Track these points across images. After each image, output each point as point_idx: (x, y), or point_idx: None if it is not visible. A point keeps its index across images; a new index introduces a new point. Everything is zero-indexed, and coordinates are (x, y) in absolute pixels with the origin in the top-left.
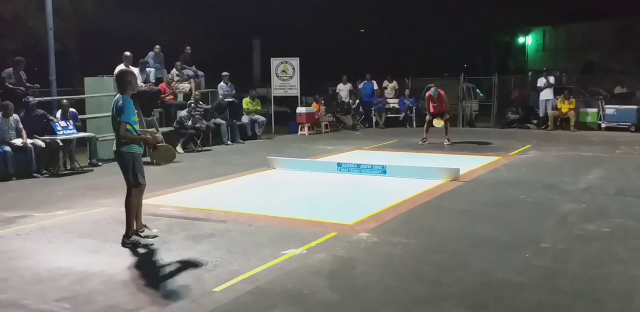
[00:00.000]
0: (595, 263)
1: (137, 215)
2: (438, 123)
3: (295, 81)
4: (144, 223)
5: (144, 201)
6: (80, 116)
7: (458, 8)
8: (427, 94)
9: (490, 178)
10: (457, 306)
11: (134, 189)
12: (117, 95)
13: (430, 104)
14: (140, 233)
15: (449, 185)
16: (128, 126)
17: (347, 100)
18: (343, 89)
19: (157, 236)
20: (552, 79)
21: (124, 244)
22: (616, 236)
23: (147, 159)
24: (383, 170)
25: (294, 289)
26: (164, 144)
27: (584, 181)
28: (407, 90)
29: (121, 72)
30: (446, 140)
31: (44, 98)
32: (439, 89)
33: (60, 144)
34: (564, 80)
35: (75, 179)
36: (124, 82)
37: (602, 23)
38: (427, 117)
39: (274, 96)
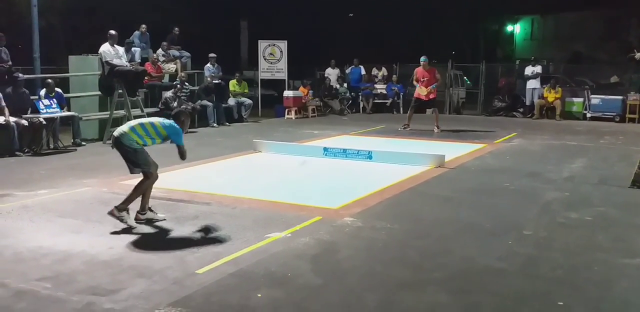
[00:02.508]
0: (577, 251)
1: (143, 197)
2: (422, 91)
3: (283, 64)
4: (149, 206)
5: (129, 182)
6: (64, 95)
7: None
8: (416, 69)
9: (475, 165)
10: (439, 291)
11: (147, 174)
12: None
13: (421, 78)
14: (141, 214)
15: (434, 171)
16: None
17: (335, 85)
18: (331, 74)
19: (164, 220)
20: (539, 68)
21: (110, 212)
22: (598, 225)
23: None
24: (369, 155)
25: (278, 272)
26: None
27: (567, 170)
28: (394, 76)
29: (181, 112)
30: (435, 127)
31: (28, 76)
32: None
33: (44, 122)
34: (551, 70)
35: (58, 158)
36: (179, 118)
37: (590, 13)
38: (412, 103)
39: (261, 79)
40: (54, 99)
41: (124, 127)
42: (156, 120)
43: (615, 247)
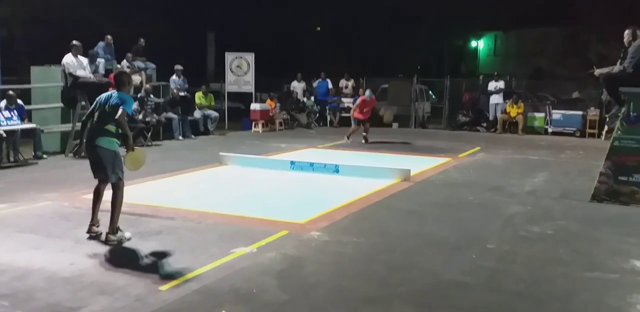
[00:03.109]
0: (539, 264)
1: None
2: (387, 117)
3: (250, 77)
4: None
5: (91, 196)
6: (25, 107)
7: (414, 10)
8: (360, 99)
9: (440, 179)
10: (405, 305)
11: (121, 183)
12: (113, 91)
13: (363, 109)
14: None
15: (400, 185)
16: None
17: (302, 98)
18: (297, 87)
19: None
20: (502, 84)
21: (107, 241)
22: (559, 238)
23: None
24: (336, 169)
25: (243, 288)
26: (141, 149)
27: (529, 184)
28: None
29: (121, 72)
30: (364, 139)
31: None
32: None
33: (4, 135)
34: (514, 85)
35: (18, 171)
36: (122, 81)
37: (551, 30)
38: (353, 126)
39: (227, 92)
40: (15, 111)
41: (96, 133)
42: (108, 104)
43: (575, 260)
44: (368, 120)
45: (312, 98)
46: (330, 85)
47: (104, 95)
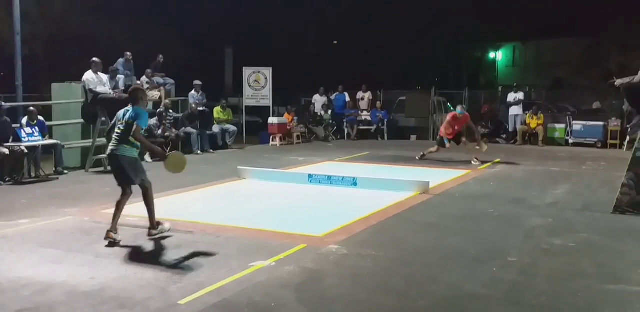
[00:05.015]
0: (561, 277)
1: (150, 214)
2: (482, 147)
3: (268, 91)
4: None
5: (111, 211)
6: (46, 123)
7: (430, 22)
8: (450, 115)
9: (460, 192)
10: None
11: (147, 184)
12: (130, 107)
13: (454, 126)
14: (152, 230)
15: (419, 198)
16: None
17: (319, 112)
18: (319, 101)
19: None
20: (521, 95)
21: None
22: (582, 251)
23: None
24: (354, 182)
25: (262, 302)
26: (174, 152)
27: (551, 196)
28: (378, 102)
29: (136, 88)
30: (474, 159)
31: (11, 104)
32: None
33: (25, 151)
34: (533, 96)
35: (39, 187)
36: (136, 97)
37: (570, 40)
38: (436, 147)
39: (245, 106)
40: (36, 127)
41: (114, 143)
42: (124, 119)
43: (598, 273)
44: (460, 138)
45: (329, 111)
46: (347, 98)
47: (122, 111)
